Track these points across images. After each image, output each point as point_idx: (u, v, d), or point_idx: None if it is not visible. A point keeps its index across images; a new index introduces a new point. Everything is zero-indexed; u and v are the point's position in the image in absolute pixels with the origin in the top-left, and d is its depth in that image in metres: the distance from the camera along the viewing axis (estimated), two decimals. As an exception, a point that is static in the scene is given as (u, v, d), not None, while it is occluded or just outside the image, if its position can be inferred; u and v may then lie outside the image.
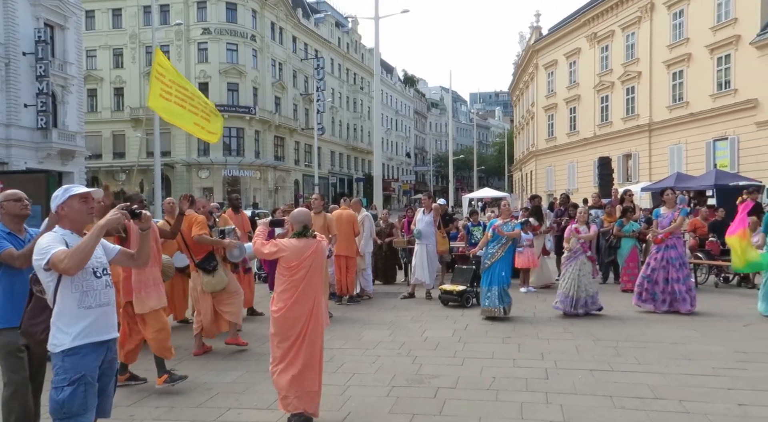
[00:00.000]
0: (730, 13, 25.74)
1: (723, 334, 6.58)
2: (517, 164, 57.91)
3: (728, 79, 26.06)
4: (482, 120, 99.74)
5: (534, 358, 5.80)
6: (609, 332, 6.85)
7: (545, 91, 43.17)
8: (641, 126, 31.61)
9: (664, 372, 5.15)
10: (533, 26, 47.15)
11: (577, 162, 38.26)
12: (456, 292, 8.90)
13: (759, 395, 4.48)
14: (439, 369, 5.47)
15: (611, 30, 34.26)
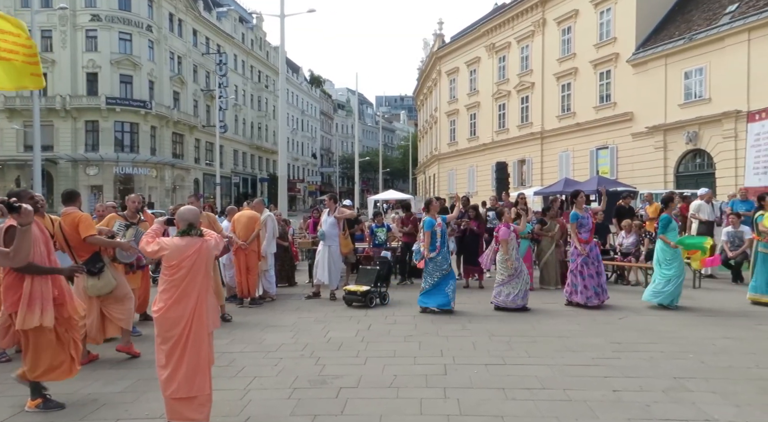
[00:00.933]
0: (611, 32, 28.17)
1: (602, 327, 7.16)
2: (421, 167, 59.47)
3: (609, 93, 28.50)
4: (388, 123, 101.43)
5: (434, 355, 5.98)
6: (504, 328, 7.22)
7: (448, 97, 44.73)
8: (534, 133, 33.69)
9: (551, 364, 5.51)
10: (436, 34, 48.70)
11: (476, 166, 40.01)
12: (360, 293, 8.97)
13: (630, 381, 4.93)
14: (341, 370, 5.48)
15: (508, 42, 36.23)
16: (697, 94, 23.78)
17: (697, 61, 23.68)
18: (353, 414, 4.33)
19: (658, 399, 4.45)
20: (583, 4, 29.75)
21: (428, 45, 53.91)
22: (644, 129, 25.79)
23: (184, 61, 46.73)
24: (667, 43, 24.92)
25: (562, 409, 4.30)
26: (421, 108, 60.72)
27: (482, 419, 4.16)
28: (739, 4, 23.06)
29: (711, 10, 24.55)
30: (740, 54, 21.81)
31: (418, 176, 64.11)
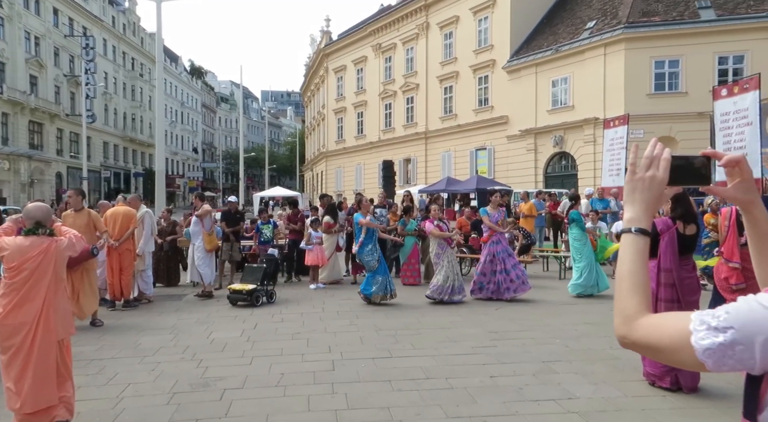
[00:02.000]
0: (488, 40, 29.89)
1: (480, 318, 7.61)
2: (309, 164, 59.03)
3: (487, 97, 30.23)
4: (274, 118, 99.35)
5: (322, 352, 5.98)
6: (390, 322, 7.40)
7: (335, 94, 44.81)
8: (419, 133, 34.83)
9: (434, 355, 5.75)
10: (324, 30, 48.56)
11: (364, 164, 40.52)
12: (246, 291, 8.73)
13: (505, 367, 5.29)
14: (226, 371, 5.30)
15: (394, 43, 37.08)
16: (562, 102, 25.99)
17: (562, 71, 25.87)
18: (238, 415, 4.21)
19: (529, 382, 4.82)
20: (464, 11, 31.26)
21: (315, 41, 53.59)
22: (518, 132, 27.69)
23: (43, 43, 42.20)
24: (537, 53, 26.95)
25: (444, 397, 4.51)
26: (308, 104, 60.21)
27: (369, 412, 4.23)
28: (596, 21, 25.54)
29: (574, 24, 26.94)
30: (597, 66, 24.17)
31: (305, 173, 63.56)
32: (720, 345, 0.87)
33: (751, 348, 0.85)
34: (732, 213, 4.98)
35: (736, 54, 22.38)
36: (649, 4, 24.45)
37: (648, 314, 1.02)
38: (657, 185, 1.07)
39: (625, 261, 1.09)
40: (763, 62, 20.30)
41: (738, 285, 5.08)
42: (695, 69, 22.55)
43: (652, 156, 1.08)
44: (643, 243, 1.08)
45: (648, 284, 1.06)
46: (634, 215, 1.10)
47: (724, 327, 0.88)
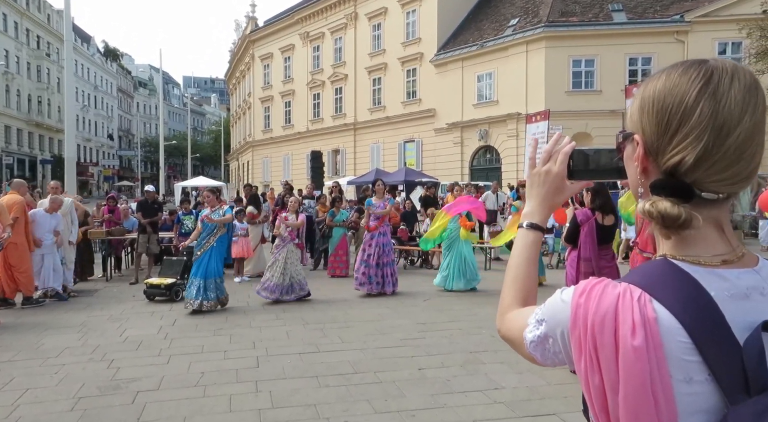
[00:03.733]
0: (416, 33, 30.11)
1: (409, 309, 7.60)
2: (234, 154, 57.26)
3: (415, 89, 30.48)
4: (197, 105, 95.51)
5: (246, 348, 5.74)
6: (317, 315, 7.24)
7: (262, 82, 43.63)
8: (348, 124, 34.62)
9: (362, 348, 5.66)
10: (249, 16, 47.09)
11: (292, 154, 39.79)
12: (164, 286, 8.29)
13: (432, 359, 5.29)
14: (140, 371, 4.95)
15: (322, 32, 36.54)
16: (487, 96, 26.65)
17: (487, 66, 26.51)
18: (152, 419, 3.93)
19: (457, 374, 4.84)
20: (392, 3, 31.28)
21: (240, 27, 52.00)
22: (445, 125, 28.14)
23: (-66, 14, 38.21)
24: (463, 48, 27.45)
25: (373, 391, 4.43)
26: (233, 92, 58.27)
27: (295, 410, 4.08)
28: (519, 19, 26.35)
29: (498, 21, 27.66)
30: (520, 63, 24.96)
31: (230, 163, 61.58)
32: (538, 337, 0.88)
33: (557, 341, 0.86)
34: (646, 204, 5.21)
35: (644, 56, 23.81)
36: (567, 5, 25.50)
37: (518, 307, 1.00)
38: (552, 179, 1.04)
39: (513, 254, 1.07)
40: (669, 63, 21.71)
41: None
42: (609, 68, 23.79)
43: (552, 149, 1.05)
44: (532, 238, 1.06)
45: (529, 278, 1.03)
46: (529, 210, 1.07)
47: (540, 319, 0.89)
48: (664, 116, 0.83)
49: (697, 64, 0.85)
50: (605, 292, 0.80)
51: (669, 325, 0.76)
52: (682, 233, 0.82)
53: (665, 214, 0.81)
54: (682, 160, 0.81)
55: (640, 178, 0.88)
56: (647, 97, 0.86)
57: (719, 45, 23.26)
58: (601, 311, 0.78)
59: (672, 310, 0.77)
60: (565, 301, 0.85)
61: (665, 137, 0.83)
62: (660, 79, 0.86)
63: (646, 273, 0.83)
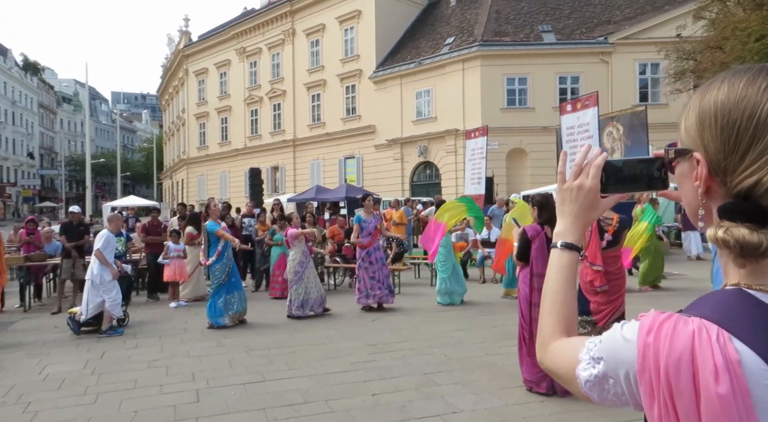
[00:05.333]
0: (354, 49, 30.22)
1: (357, 330, 7.36)
2: (168, 171, 55.18)
3: (354, 106, 30.49)
4: (127, 122, 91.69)
5: (184, 380, 5.33)
6: (262, 340, 6.87)
7: (196, 98, 42.41)
8: (287, 141, 34.12)
9: (312, 374, 5.37)
10: (182, 30, 45.82)
11: (229, 172, 38.74)
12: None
13: (386, 383, 5.07)
14: (62, 414, 4.46)
15: (259, 47, 36.01)
16: (426, 113, 27.00)
17: (425, 83, 26.91)
18: (79, 472, 3.49)
19: (412, 398, 4.65)
20: (330, 20, 31.29)
21: (173, 41, 50.34)
22: (385, 141, 28.24)
23: None
24: (401, 65, 27.76)
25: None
26: (166, 108, 56.32)
27: (242, 449, 3.75)
28: (455, 37, 26.98)
29: (434, 39, 28.21)
30: (457, 80, 25.50)
31: (164, 181, 59.27)
32: (596, 377, 0.80)
33: (620, 382, 0.77)
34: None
35: (573, 75, 24.89)
36: (500, 25, 26.37)
37: (561, 337, 0.92)
38: (585, 194, 0.95)
39: (548, 278, 0.99)
40: (596, 82, 22.83)
41: (601, 287, 5.38)
42: (540, 86, 24.70)
43: (582, 163, 0.97)
44: (567, 258, 0.98)
45: (569, 303, 0.95)
46: (562, 228, 0.99)
47: (597, 357, 0.80)
48: (733, 132, 0.74)
49: (765, 71, 0.75)
50: (677, 330, 0.71)
51: (754, 367, 0.67)
52: (762, 261, 0.73)
53: (744, 243, 0.73)
54: (759, 180, 0.72)
55: (702, 200, 0.79)
56: (708, 110, 0.78)
57: (640, 65, 24.67)
58: (675, 353, 0.69)
59: (756, 349, 0.68)
60: (628, 340, 0.76)
61: (735, 155, 0.74)
62: (721, 90, 0.77)
63: (720, 306, 0.73)
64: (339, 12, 30.71)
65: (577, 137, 13.68)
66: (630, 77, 24.51)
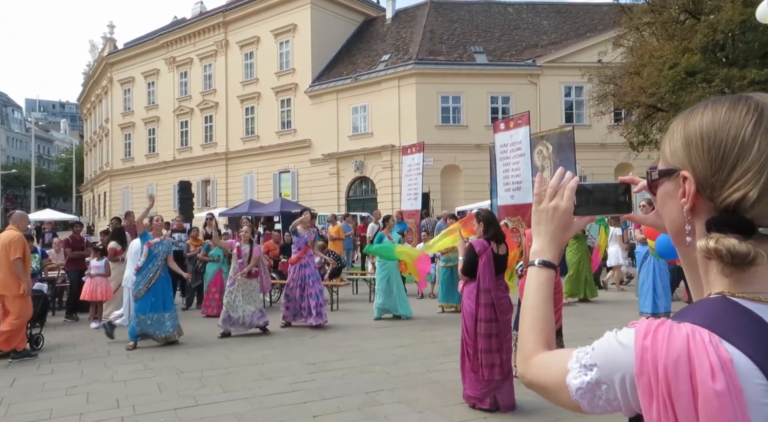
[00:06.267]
0: (290, 63, 29.99)
1: (296, 349, 7.14)
2: (88, 184, 52.17)
3: (290, 120, 30.16)
4: (43, 131, 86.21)
5: (108, 408, 4.94)
6: (193, 362, 6.51)
7: (122, 108, 40.54)
8: (219, 154, 33.18)
9: (248, 397, 5.12)
10: (107, 37, 43.83)
11: (157, 184, 37.14)
12: (1, 339, 7.00)
13: (327, 404, 4.91)
14: (-34, 454, 4.00)
15: (190, 57, 34.99)
16: (362, 128, 27.11)
17: (361, 99, 27.05)
18: None
19: (355, 418, 4.52)
20: (264, 32, 30.92)
21: (96, 48, 48.02)
22: (321, 156, 28.05)
23: None
24: (337, 80, 27.80)
25: (264, 448, 3.96)
26: (88, 117, 53.42)
27: (174, 481, 3.49)
28: (390, 54, 27.37)
29: (370, 56, 28.49)
30: (393, 97, 25.81)
31: (84, 194, 55.96)
32: (588, 383, 0.83)
33: (614, 387, 0.81)
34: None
35: (504, 95, 25.83)
36: (434, 44, 27.03)
37: (543, 351, 0.96)
38: (560, 215, 1.02)
39: (527, 295, 1.03)
40: (525, 103, 23.78)
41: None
42: (473, 105, 25.44)
43: (557, 185, 1.04)
44: (545, 276, 1.02)
45: (547, 318, 0.99)
46: (538, 247, 1.05)
47: (590, 364, 0.83)
48: (719, 151, 0.81)
49: (742, 99, 0.84)
50: (672, 334, 0.75)
51: (745, 367, 0.72)
52: (746, 270, 0.79)
53: (734, 252, 0.78)
54: (745, 195, 0.79)
55: (687, 216, 0.85)
56: (694, 133, 0.85)
57: (565, 88, 25.96)
58: (673, 354, 0.74)
59: (745, 351, 0.73)
60: (625, 345, 0.80)
61: (721, 173, 0.81)
62: (705, 115, 0.85)
63: (708, 312, 0.79)
64: (274, 25, 30.43)
65: (510, 155, 14.08)
66: (556, 99, 25.72)
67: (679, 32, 16.84)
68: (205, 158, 33.91)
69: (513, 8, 30.87)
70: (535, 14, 30.24)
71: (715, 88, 14.55)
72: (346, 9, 31.38)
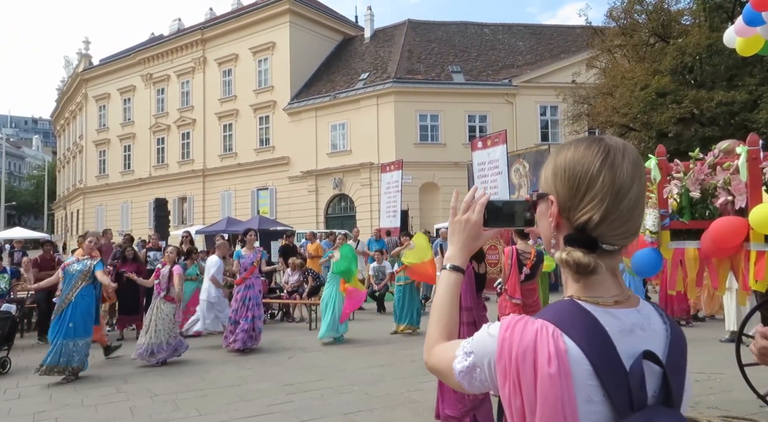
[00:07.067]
0: (269, 80, 30.03)
1: (273, 369, 7.03)
2: (61, 201, 51.13)
3: (268, 137, 30.09)
4: (14, 147, 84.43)
5: (77, 434, 4.78)
6: (168, 385, 6.36)
7: (96, 124, 39.98)
8: (196, 171, 32.87)
9: (225, 420, 5.01)
10: (82, 53, 43.37)
11: (132, 202, 36.57)
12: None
13: (306, 424, 4.84)
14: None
15: (167, 74, 34.80)
16: (341, 146, 27.17)
17: (340, 116, 27.15)
18: None
19: (334, 439, 4.46)
20: (243, 50, 30.96)
21: (71, 64, 47.46)
22: (299, 173, 27.99)
23: None
24: (316, 98, 27.89)
25: (241, 473, 3.86)
26: (61, 134, 52.56)
27: None
28: (369, 73, 27.60)
29: (349, 74, 28.69)
30: (371, 115, 25.97)
31: (56, 211, 54.77)
32: (467, 367, 1.02)
33: (484, 370, 0.99)
34: (513, 252, 5.45)
35: (481, 113, 26.20)
36: (412, 64, 27.36)
37: (444, 341, 1.12)
38: (471, 227, 1.17)
39: (437, 294, 1.18)
40: (502, 121, 24.15)
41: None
42: (451, 124, 25.74)
43: (470, 201, 1.19)
44: (454, 278, 1.18)
45: (451, 314, 1.15)
46: (451, 253, 1.20)
47: (469, 351, 1.02)
48: (575, 182, 1.00)
49: (597, 140, 1.03)
50: (526, 328, 0.94)
51: (576, 356, 0.91)
52: (590, 278, 0.99)
53: (578, 262, 0.98)
54: (590, 218, 0.98)
55: (554, 232, 1.04)
56: (560, 165, 1.03)
57: (540, 108, 26.45)
58: (523, 344, 0.92)
59: (578, 343, 0.92)
60: (492, 335, 0.98)
61: (576, 199, 1.00)
62: (570, 151, 1.04)
63: (558, 312, 0.97)
64: (253, 43, 30.50)
65: (488, 172, 14.26)
66: (532, 118, 26.17)
67: (649, 54, 17.35)
68: (181, 175, 33.56)
69: (489, 29, 31.47)
70: (510, 35, 30.87)
71: (685, 109, 14.98)
72: (324, 28, 31.65)
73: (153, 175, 35.39)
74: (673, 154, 6.45)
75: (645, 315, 1.01)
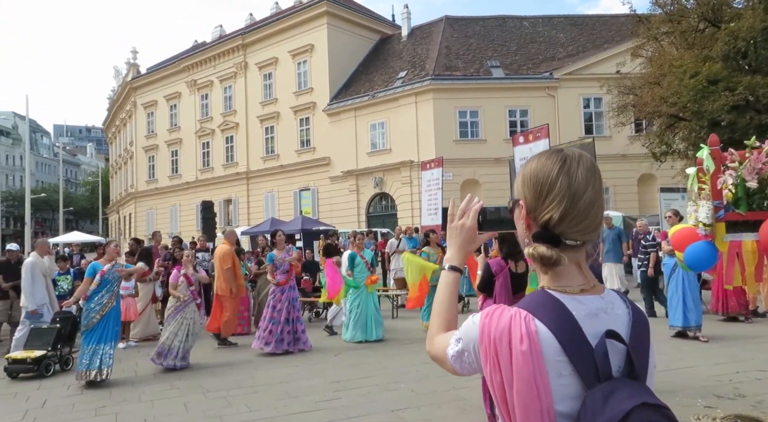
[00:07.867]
0: (308, 82, 30.39)
1: (319, 366, 7.14)
2: (114, 206, 53.26)
3: (309, 138, 30.46)
4: (71, 155, 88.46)
5: (135, 428, 4.98)
6: (218, 381, 6.55)
7: (145, 131, 41.44)
8: (240, 173, 33.62)
9: (274, 416, 5.13)
10: (130, 63, 44.98)
11: (180, 205, 37.74)
12: (31, 360, 7.16)
13: None
14: (0, 475, 4.06)
15: (210, 80, 35.70)
16: (380, 145, 27.24)
17: (379, 116, 27.22)
18: None
19: (382, 436, 4.49)
20: (282, 53, 31.44)
21: (120, 74, 49.28)
22: (340, 173, 28.22)
23: None
24: (355, 98, 28.05)
25: (291, 467, 3.95)
26: (113, 141, 54.71)
27: None
28: (407, 71, 27.56)
29: (387, 73, 28.72)
30: (410, 113, 25.92)
31: (110, 216, 57.07)
32: (458, 352, 1.16)
33: (471, 354, 1.13)
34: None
35: (522, 108, 25.76)
36: (450, 60, 27.14)
37: (443, 332, 1.26)
38: (466, 231, 1.32)
39: (439, 291, 1.33)
40: (543, 115, 23.67)
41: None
42: (491, 119, 25.41)
43: (465, 208, 1.33)
44: (452, 277, 1.33)
45: (450, 309, 1.30)
46: (449, 255, 1.35)
47: (458, 338, 1.17)
48: (538, 187, 1.16)
49: (557, 152, 1.20)
50: (502, 314, 1.08)
51: (545, 336, 1.05)
52: (555, 269, 1.14)
53: (542, 256, 1.13)
54: (551, 217, 1.13)
55: (526, 231, 1.19)
56: (527, 174, 1.19)
57: (584, 100, 25.79)
58: (500, 328, 1.07)
59: (547, 325, 1.06)
60: (475, 323, 1.13)
61: (539, 202, 1.15)
62: (534, 162, 1.20)
63: (531, 300, 1.12)
64: (292, 46, 30.93)
65: (530, 168, 14.01)
66: (575, 111, 25.57)
67: (699, 41, 16.66)
68: (226, 178, 34.39)
69: (528, 22, 30.93)
70: (551, 27, 30.24)
71: (739, 96, 14.32)
72: (362, 28, 31.79)
73: (199, 178, 36.39)
74: (727, 143, 6.19)
75: (609, 301, 1.14)
